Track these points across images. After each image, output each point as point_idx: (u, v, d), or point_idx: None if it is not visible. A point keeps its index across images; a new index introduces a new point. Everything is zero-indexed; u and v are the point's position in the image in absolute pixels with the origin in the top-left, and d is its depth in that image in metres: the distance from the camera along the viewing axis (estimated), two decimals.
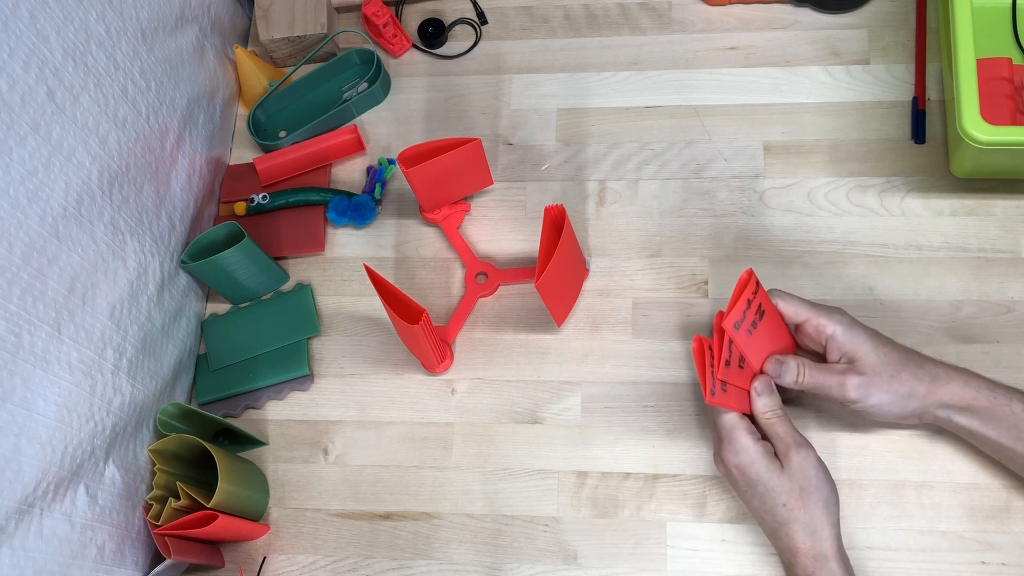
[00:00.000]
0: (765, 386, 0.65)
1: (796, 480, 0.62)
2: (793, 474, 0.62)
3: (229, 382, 0.80)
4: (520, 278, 0.81)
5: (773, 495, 0.62)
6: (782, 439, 0.63)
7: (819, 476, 0.63)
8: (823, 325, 0.65)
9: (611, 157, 0.84)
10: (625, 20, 0.89)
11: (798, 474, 0.62)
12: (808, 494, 0.62)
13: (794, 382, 0.65)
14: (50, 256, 0.61)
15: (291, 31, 0.88)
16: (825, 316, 0.65)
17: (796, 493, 0.62)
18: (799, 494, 0.62)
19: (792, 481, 0.62)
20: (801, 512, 0.62)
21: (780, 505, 0.62)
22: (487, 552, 0.73)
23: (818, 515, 0.62)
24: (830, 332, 0.65)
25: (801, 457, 0.62)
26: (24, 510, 0.58)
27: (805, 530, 0.62)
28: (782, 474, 0.62)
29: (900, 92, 0.83)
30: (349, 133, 0.86)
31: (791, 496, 0.62)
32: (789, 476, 0.62)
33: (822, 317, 0.65)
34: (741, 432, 0.63)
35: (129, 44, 0.70)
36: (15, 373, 0.57)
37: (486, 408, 0.78)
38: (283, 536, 0.76)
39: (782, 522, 0.62)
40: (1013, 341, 0.73)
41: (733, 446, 0.63)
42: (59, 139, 0.61)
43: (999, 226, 0.77)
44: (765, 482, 0.62)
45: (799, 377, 0.65)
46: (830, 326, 0.65)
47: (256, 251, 0.79)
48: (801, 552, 0.62)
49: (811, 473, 0.62)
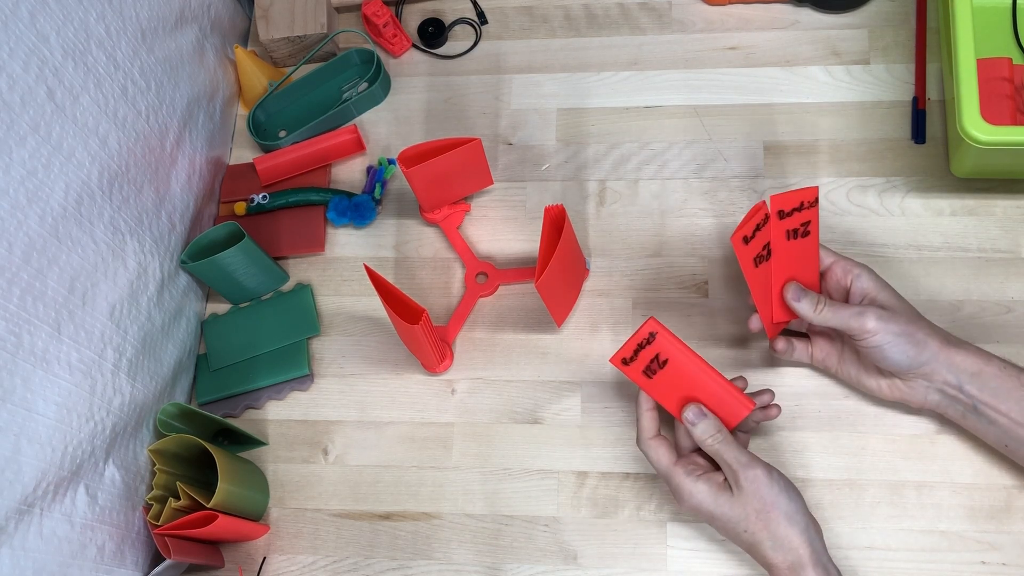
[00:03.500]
0: (696, 414, 0.63)
1: (751, 504, 0.61)
2: (746, 499, 0.61)
3: (229, 382, 0.80)
4: (520, 278, 0.81)
5: (732, 524, 0.62)
6: (728, 464, 0.62)
7: (773, 490, 0.61)
8: (850, 267, 0.66)
9: (611, 157, 0.84)
10: (625, 20, 0.89)
11: (752, 497, 0.61)
12: (766, 512, 0.61)
13: (812, 310, 0.65)
14: (50, 256, 0.61)
15: (291, 31, 0.88)
16: (853, 263, 0.67)
17: (753, 516, 0.61)
18: (756, 516, 0.61)
19: (746, 506, 0.61)
20: (764, 532, 0.61)
21: (742, 532, 0.62)
22: (487, 552, 0.73)
23: (782, 529, 0.60)
24: (857, 273, 0.66)
25: (750, 479, 0.61)
26: (24, 510, 0.58)
27: (774, 547, 0.61)
28: (734, 502, 0.61)
29: (900, 92, 0.83)
30: (349, 133, 0.86)
31: (749, 521, 0.61)
32: (742, 502, 0.61)
33: (850, 263, 0.67)
34: (680, 476, 0.63)
35: (129, 44, 0.70)
36: (15, 373, 0.57)
37: (486, 408, 0.78)
38: (283, 536, 0.76)
39: (749, 545, 0.62)
40: (1013, 341, 0.73)
41: (680, 493, 0.63)
42: (59, 139, 0.61)
43: (999, 226, 0.77)
44: (719, 516, 0.62)
45: (818, 307, 0.65)
46: (857, 269, 0.66)
47: (256, 251, 0.79)
48: (776, 566, 0.61)
49: (764, 491, 0.61)
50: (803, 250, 0.66)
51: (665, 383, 0.64)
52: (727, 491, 0.62)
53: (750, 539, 0.62)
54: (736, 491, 0.62)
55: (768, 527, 0.61)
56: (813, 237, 0.66)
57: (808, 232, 0.65)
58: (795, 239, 0.65)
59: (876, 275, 0.67)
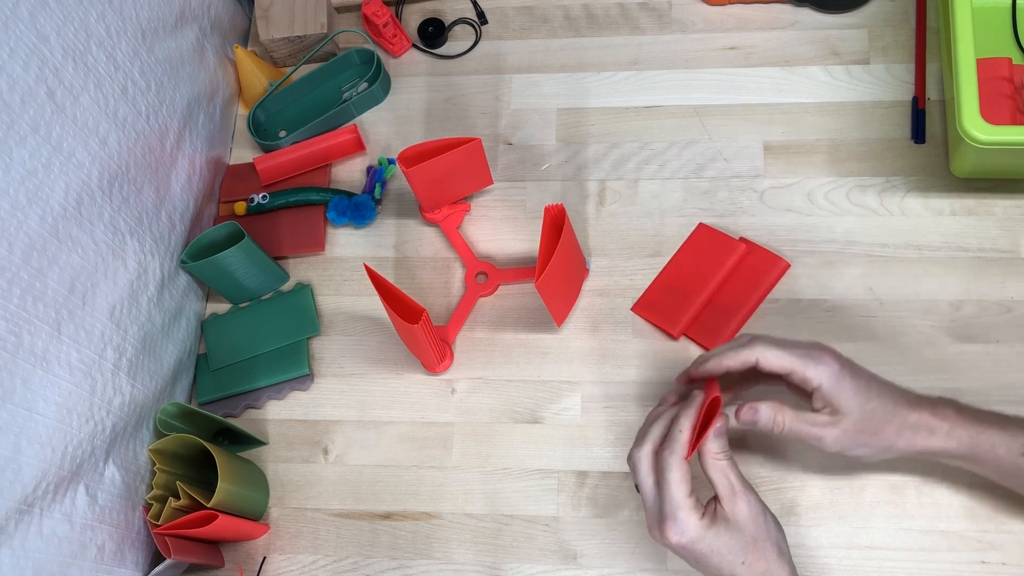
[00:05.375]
0: (721, 430, 0.61)
1: (747, 532, 0.59)
2: (743, 525, 0.59)
3: (229, 382, 0.80)
4: (520, 278, 0.81)
5: (729, 558, 0.59)
6: (729, 483, 0.60)
7: (767, 519, 0.60)
8: (808, 380, 0.61)
9: (611, 157, 0.84)
10: (625, 20, 0.89)
11: (748, 524, 0.59)
12: (761, 543, 0.59)
13: (770, 428, 0.63)
14: (50, 256, 0.61)
15: (291, 31, 0.88)
16: (812, 367, 0.61)
17: (751, 546, 0.59)
18: (753, 545, 0.59)
19: (743, 534, 0.59)
20: (762, 562, 0.59)
21: (739, 563, 0.59)
22: (487, 552, 0.73)
23: (774, 560, 0.59)
24: (815, 385, 0.61)
25: (750, 504, 0.60)
26: (24, 510, 0.58)
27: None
28: (732, 532, 0.59)
29: (900, 92, 0.83)
30: (349, 133, 0.86)
31: (746, 551, 0.59)
32: (739, 530, 0.59)
33: (808, 370, 0.61)
34: (688, 513, 0.59)
35: (129, 44, 0.70)
36: (15, 373, 0.57)
37: (486, 408, 0.78)
38: (283, 536, 0.76)
39: None
40: (1013, 341, 0.73)
41: (679, 527, 0.59)
42: (59, 139, 0.61)
43: (999, 226, 0.77)
44: (717, 551, 0.59)
45: (776, 427, 0.62)
46: (815, 380, 0.60)
47: (256, 251, 0.79)
48: None
49: (760, 521, 0.60)
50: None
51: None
52: (721, 521, 0.60)
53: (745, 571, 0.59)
54: (732, 513, 0.60)
55: (764, 557, 0.59)
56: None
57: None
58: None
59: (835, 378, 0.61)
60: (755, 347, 0.62)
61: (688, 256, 0.79)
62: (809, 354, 0.61)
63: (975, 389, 0.72)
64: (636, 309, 0.78)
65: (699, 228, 0.80)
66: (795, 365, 0.61)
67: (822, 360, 0.61)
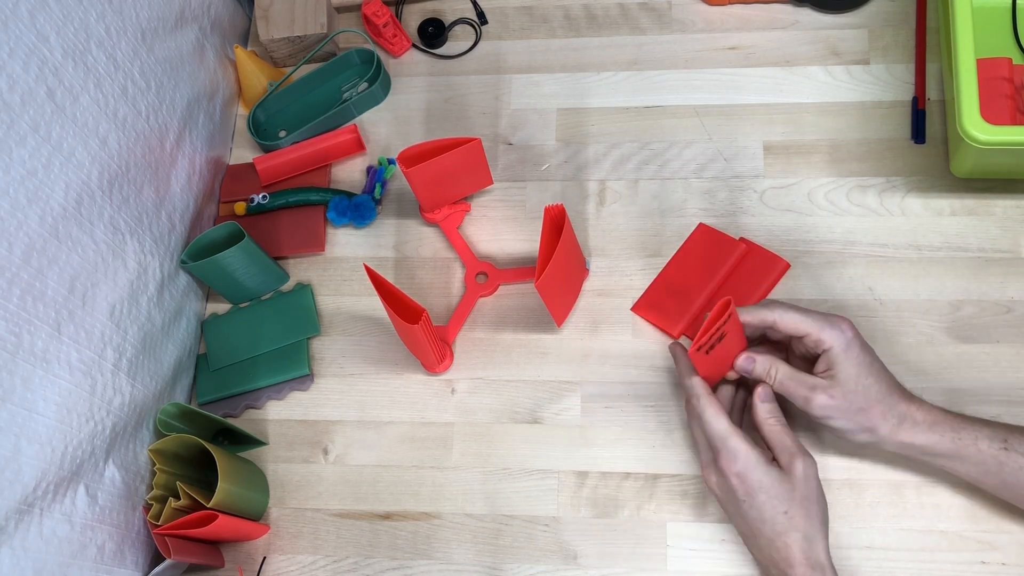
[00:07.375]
0: (767, 393, 0.64)
1: (799, 489, 0.61)
2: (796, 482, 0.61)
3: (229, 382, 0.80)
4: (520, 278, 0.81)
5: (775, 502, 0.61)
6: (787, 447, 0.62)
7: (819, 488, 0.62)
8: (822, 341, 0.63)
9: (611, 157, 0.84)
10: (625, 20, 0.89)
11: (802, 483, 0.61)
12: (810, 503, 0.61)
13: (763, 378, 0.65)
14: (50, 256, 0.61)
15: (291, 31, 0.88)
16: (828, 330, 0.63)
17: (799, 501, 0.61)
18: (802, 502, 0.61)
19: (795, 489, 0.61)
20: (803, 520, 0.60)
21: (781, 513, 0.61)
22: (487, 552, 0.73)
23: (817, 525, 0.61)
24: (827, 347, 0.63)
25: (807, 466, 0.61)
26: (24, 510, 0.58)
27: (805, 539, 0.60)
28: (784, 480, 0.61)
29: (900, 92, 0.83)
30: (349, 133, 0.86)
31: (793, 504, 0.61)
32: (792, 484, 0.61)
33: (824, 332, 0.63)
34: (737, 439, 0.62)
35: (129, 44, 0.70)
36: (15, 373, 0.57)
37: (486, 408, 0.78)
38: (283, 536, 0.76)
39: (780, 531, 0.61)
40: (1013, 341, 0.73)
41: (731, 453, 0.62)
42: (59, 139, 0.61)
43: (999, 226, 0.77)
44: (767, 488, 0.61)
45: (769, 379, 0.65)
46: (828, 341, 0.63)
47: (256, 251, 0.79)
48: (798, 562, 0.60)
49: (813, 484, 0.62)
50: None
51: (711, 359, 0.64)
52: (777, 467, 0.62)
53: (786, 524, 0.60)
54: (788, 472, 0.61)
55: (808, 517, 0.61)
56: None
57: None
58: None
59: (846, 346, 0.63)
60: (775, 308, 0.65)
61: (688, 256, 0.79)
62: (827, 318, 0.64)
63: (975, 389, 0.72)
64: (636, 309, 0.78)
65: (699, 228, 0.80)
66: (811, 328, 0.63)
67: (839, 325, 0.64)
